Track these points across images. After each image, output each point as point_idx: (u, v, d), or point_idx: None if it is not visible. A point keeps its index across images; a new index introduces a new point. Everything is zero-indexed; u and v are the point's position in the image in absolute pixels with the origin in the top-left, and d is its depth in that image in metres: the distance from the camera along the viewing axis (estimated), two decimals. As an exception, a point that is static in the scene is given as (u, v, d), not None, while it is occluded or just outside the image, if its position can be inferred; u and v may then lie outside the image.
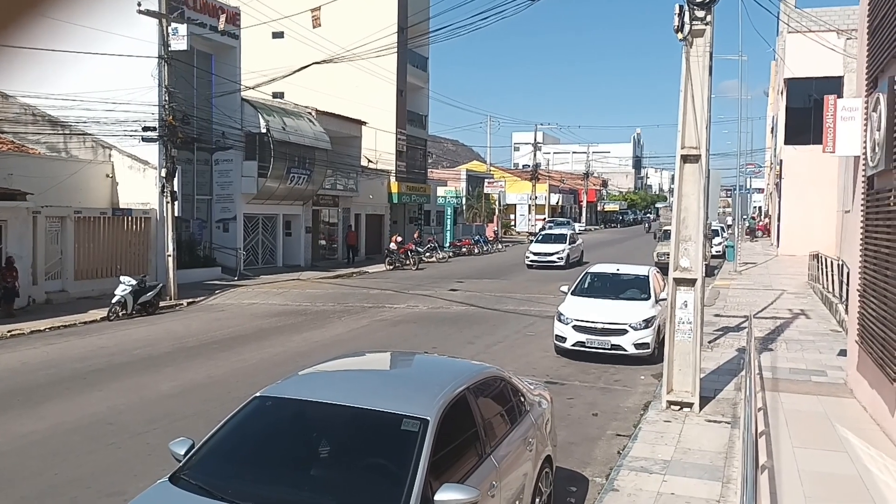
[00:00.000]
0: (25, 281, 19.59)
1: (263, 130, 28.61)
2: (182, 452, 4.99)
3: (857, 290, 10.32)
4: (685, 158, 10.12)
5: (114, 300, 18.74)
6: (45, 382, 11.93)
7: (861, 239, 10.30)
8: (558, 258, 32.99)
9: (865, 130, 10.11)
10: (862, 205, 10.25)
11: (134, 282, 19.08)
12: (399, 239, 36.24)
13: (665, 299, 11.36)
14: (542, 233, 37.98)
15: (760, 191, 71.18)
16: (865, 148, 10.06)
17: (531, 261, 33.53)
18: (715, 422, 9.49)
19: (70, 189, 22.80)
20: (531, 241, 40.34)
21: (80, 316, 18.50)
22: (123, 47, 22.61)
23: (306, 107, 33.68)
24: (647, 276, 14.88)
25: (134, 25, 22.45)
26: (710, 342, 14.48)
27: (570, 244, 34.32)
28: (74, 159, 24.35)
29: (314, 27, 23.20)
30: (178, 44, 21.99)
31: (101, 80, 22.91)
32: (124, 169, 25.08)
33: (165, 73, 22.06)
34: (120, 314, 18.68)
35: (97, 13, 24.01)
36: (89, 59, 23.05)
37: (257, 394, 5.38)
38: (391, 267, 33.46)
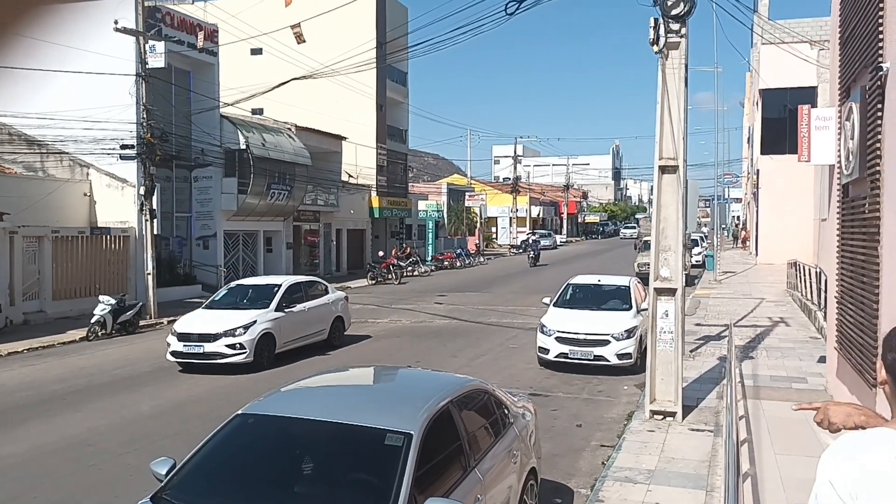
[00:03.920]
0: (3, 302, 19.33)
1: (243, 147, 28.53)
2: (163, 472, 4.94)
3: (835, 297, 10.44)
4: (663, 169, 10.21)
5: (93, 320, 18.53)
6: (24, 404, 11.76)
7: (837, 246, 10.43)
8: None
9: (839, 139, 10.26)
10: (837, 213, 10.39)
11: (113, 301, 18.88)
12: (381, 253, 36.23)
13: (646, 309, 11.43)
14: (227, 287, 17.22)
15: (738, 200, 71.95)
16: (840, 157, 10.21)
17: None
18: (698, 430, 9.53)
19: (47, 208, 22.58)
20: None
21: (58, 336, 18.27)
22: (100, 65, 22.49)
23: (286, 123, 33.63)
24: (628, 287, 14.96)
25: (111, 43, 22.34)
26: (691, 351, 14.56)
27: (266, 315, 14.84)
28: (51, 178, 24.14)
29: (298, 43, 23.17)
30: (156, 61, 21.93)
31: (78, 98, 22.76)
32: (102, 187, 24.88)
33: (143, 90, 21.96)
34: (99, 334, 18.46)
35: (73, 31, 23.91)
36: (65, 77, 22.92)
37: (239, 411, 5.33)
38: (373, 282, 33.38)
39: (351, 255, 39.67)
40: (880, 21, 7.76)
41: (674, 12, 9.83)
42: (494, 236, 68.95)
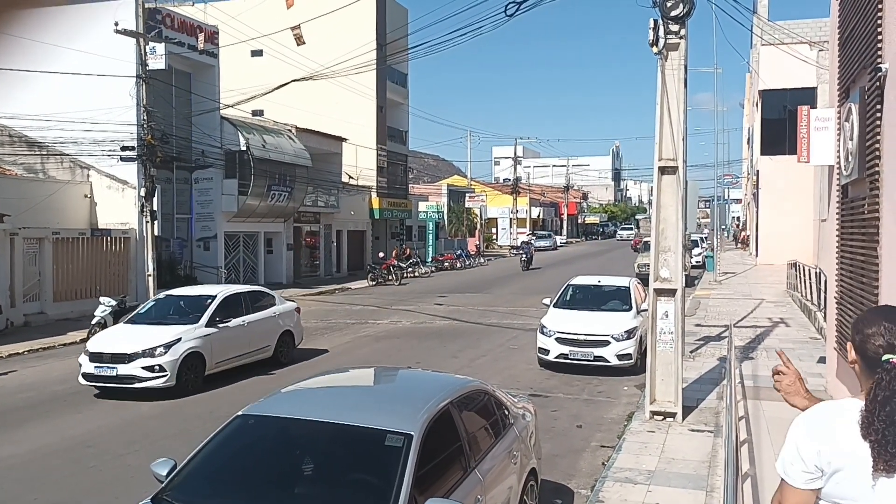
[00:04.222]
0: (4, 303, 19.34)
1: (243, 148, 28.55)
2: (164, 473, 4.94)
3: (835, 297, 10.45)
4: (663, 170, 10.23)
5: (94, 321, 18.49)
6: (24, 406, 11.77)
7: (837, 247, 10.44)
8: None
9: (839, 140, 10.27)
10: (837, 213, 10.40)
11: (114, 302, 18.85)
12: (382, 254, 36.26)
13: (646, 310, 11.43)
14: (154, 298, 16.05)
15: (738, 201, 71.99)
16: (839, 157, 10.22)
17: None
18: (698, 431, 9.54)
19: (48, 210, 22.58)
20: None
21: (59, 338, 18.28)
22: (100, 67, 22.50)
23: (286, 124, 33.64)
24: (628, 287, 14.97)
25: (111, 45, 22.36)
26: (691, 352, 14.56)
27: None
28: (52, 180, 24.15)
29: (298, 45, 23.21)
30: (157, 63, 21.94)
31: (78, 100, 22.77)
32: (103, 189, 24.90)
33: (144, 92, 21.97)
34: (100, 335, 18.44)
35: (73, 33, 23.92)
36: (65, 79, 22.92)
37: (239, 412, 5.34)
38: (374, 283, 33.40)
39: (351, 256, 39.68)
40: (879, 22, 7.77)
41: (673, 14, 9.84)
42: (495, 237, 68.94)
